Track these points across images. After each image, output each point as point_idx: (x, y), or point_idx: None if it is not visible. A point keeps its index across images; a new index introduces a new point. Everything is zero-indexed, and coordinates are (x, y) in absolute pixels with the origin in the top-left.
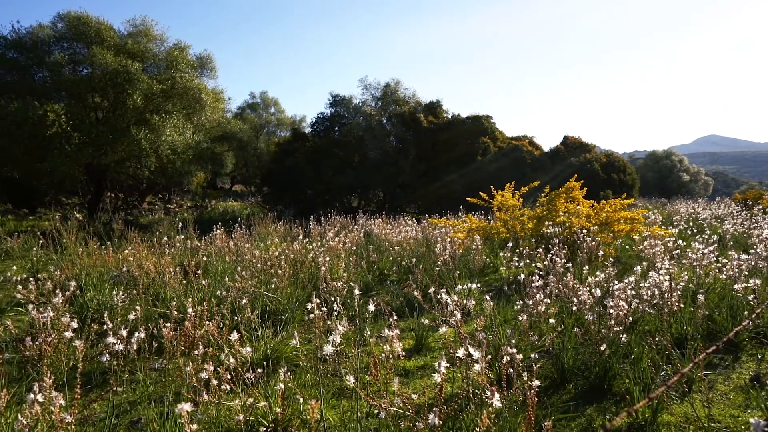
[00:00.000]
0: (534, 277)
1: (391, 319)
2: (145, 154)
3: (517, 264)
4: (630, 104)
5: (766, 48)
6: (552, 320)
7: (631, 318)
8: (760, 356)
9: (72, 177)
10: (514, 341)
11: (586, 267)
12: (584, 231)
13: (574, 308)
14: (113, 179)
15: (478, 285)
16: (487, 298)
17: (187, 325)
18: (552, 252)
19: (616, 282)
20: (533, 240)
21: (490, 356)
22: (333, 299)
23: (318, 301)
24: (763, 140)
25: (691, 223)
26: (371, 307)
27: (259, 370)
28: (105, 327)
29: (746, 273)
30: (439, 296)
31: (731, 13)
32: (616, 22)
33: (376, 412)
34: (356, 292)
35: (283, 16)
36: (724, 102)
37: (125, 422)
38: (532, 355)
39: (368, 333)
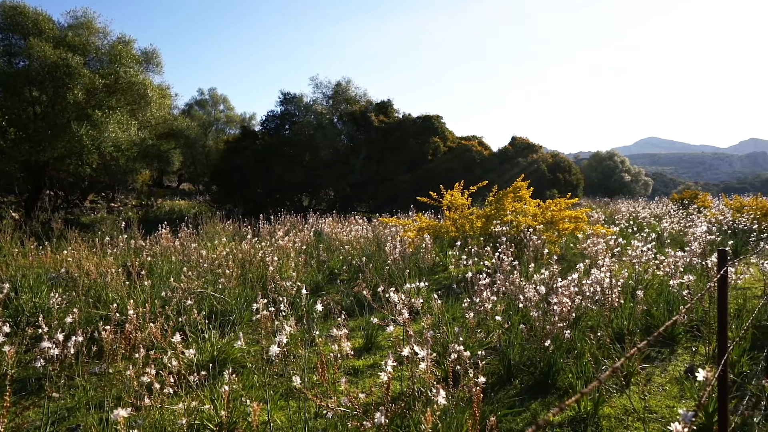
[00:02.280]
0: (482, 275)
1: (339, 319)
2: (87, 150)
3: (465, 262)
4: (575, 105)
5: (703, 53)
6: (499, 317)
7: (574, 314)
8: (694, 349)
9: (7, 174)
10: (461, 339)
11: (532, 265)
12: (531, 229)
13: (521, 305)
14: (53, 177)
15: (427, 283)
16: (436, 296)
17: (128, 328)
18: (500, 250)
19: (560, 279)
20: (482, 238)
21: (437, 354)
22: (281, 299)
23: (265, 300)
24: (698, 142)
25: (631, 222)
26: (319, 307)
27: (204, 372)
28: (41, 330)
29: (682, 269)
30: (388, 295)
31: (671, 19)
32: (561, 25)
33: (324, 412)
34: (304, 291)
35: (232, 12)
36: (664, 105)
37: (62, 429)
38: (480, 352)
39: (317, 333)
